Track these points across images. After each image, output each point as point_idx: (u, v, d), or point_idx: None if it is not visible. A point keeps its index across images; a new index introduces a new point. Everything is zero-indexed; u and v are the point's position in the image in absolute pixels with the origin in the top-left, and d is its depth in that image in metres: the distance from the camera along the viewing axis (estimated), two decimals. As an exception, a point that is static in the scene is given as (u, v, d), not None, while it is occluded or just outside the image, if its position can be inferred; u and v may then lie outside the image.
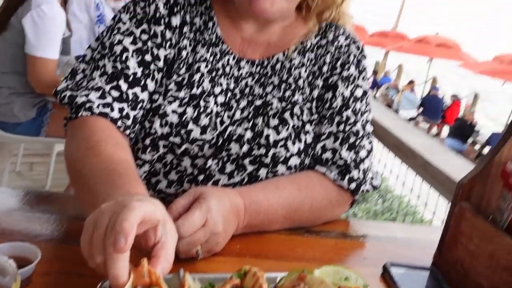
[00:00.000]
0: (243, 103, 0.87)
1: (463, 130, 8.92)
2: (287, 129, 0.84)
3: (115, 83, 0.80)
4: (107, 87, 0.80)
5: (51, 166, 2.67)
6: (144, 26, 0.85)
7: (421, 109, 10.68)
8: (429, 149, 1.36)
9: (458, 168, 1.13)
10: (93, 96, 0.78)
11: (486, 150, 8.20)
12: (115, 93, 0.80)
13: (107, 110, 0.78)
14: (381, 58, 14.61)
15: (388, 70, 14.61)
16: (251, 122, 0.84)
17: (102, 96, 0.78)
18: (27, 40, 2.14)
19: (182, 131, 0.81)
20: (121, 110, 0.80)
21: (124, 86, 0.81)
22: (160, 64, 0.85)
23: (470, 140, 9.01)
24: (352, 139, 0.88)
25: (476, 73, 10.15)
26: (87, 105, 0.77)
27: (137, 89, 0.82)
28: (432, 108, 10.58)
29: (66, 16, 2.35)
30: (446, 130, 10.52)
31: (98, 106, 0.77)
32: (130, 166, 0.70)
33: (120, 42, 0.83)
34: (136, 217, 0.47)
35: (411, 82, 11.80)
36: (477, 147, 8.88)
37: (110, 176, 0.65)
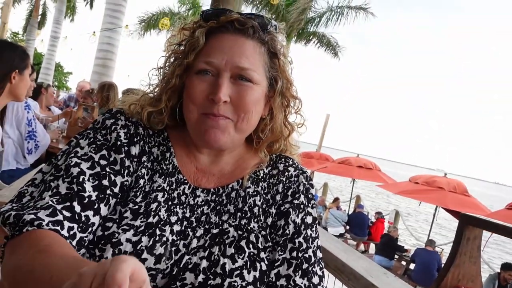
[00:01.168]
0: (200, 232, 0.87)
1: (389, 246, 9.25)
2: (243, 257, 0.84)
3: (68, 203, 0.78)
4: (59, 207, 0.77)
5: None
6: (104, 152, 0.87)
7: (348, 227, 11.05)
8: (370, 272, 1.40)
9: (400, 290, 1.17)
10: (42, 214, 0.74)
11: (412, 266, 8.48)
12: (67, 213, 0.77)
13: (57, 227, 0.74)
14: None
15: (315, 188, 15.26)
16: (207, 251, 0.84)
17: (53, 214, 0.75)
18: None
19: None
20: (70, 229, 0.76)
21: (77, 207, 0.78)
22: (116, 190, 0.85)
23: (396, 256, 9.32)
24: (304, 266, 0.90)
25: (394, 193, 10.89)
26: (36, 222, 0.72)
27: (90, 213, 0.80)
28: (359, 225, 10.99)
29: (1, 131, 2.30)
30: (372, 246, 10.85)
31: (48, 224, 0.73)
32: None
33: (77, 164, 0.83)
34: (128, 268, 0.42)
35: (336, 200, 12.34)
36: (403, 262, 9.16)
37: (73, 266, 0.56)
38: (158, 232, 0.82)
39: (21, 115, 3.14)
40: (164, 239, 0.82)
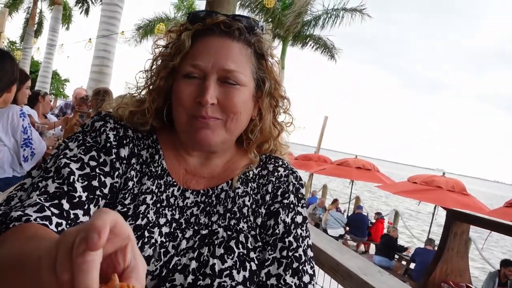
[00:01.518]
0: (189, 233, 0.87)
1: (389, 246, 9.25)
2: (232, 258, 0.85)
3: (56, 201, 0.77)
4: (47, 204, 0.76)
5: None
6: (93, 153, 0.86)
7: (347, 228, 11.04)
8: (364, 270, 1.40)
9: (394, 288, 1.17)
10: (30, 210, 0.73)
11: (413, 265, 8.47)
12: (55, 210, 0.76)
13: (46, 222, 0.72)
14: (305, 179, 15.40)
15: (314, 190, 15.32)
16: (196, 252, 0.84)
17: (40, 210, 0.74)
18: None
19: None
20: (58, 225, 0.74)
21: (66, 205, 0.78)
22: (106, 191, 0.85)
23: (396, 256, 9.31)
24: (295, 265, 0.90)
25: (393, 193, 10.88)
26: (23, 218, 0.70)
27: (79, 212, 0.79)
28: (358, 226, 10.99)
29: None
30: (373, 247, 10.84)
31: (35, 219, 0.71)
32: None
33: (66, 165, 0.82)
34: (108, 218, 0.41)
35: (335, 201, 12.33)
36: (404, 262, 9.15)
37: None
38: (146, 234, 0.82)
39: (17, 123, 3.14)
40: (153, 241, 0.82)
